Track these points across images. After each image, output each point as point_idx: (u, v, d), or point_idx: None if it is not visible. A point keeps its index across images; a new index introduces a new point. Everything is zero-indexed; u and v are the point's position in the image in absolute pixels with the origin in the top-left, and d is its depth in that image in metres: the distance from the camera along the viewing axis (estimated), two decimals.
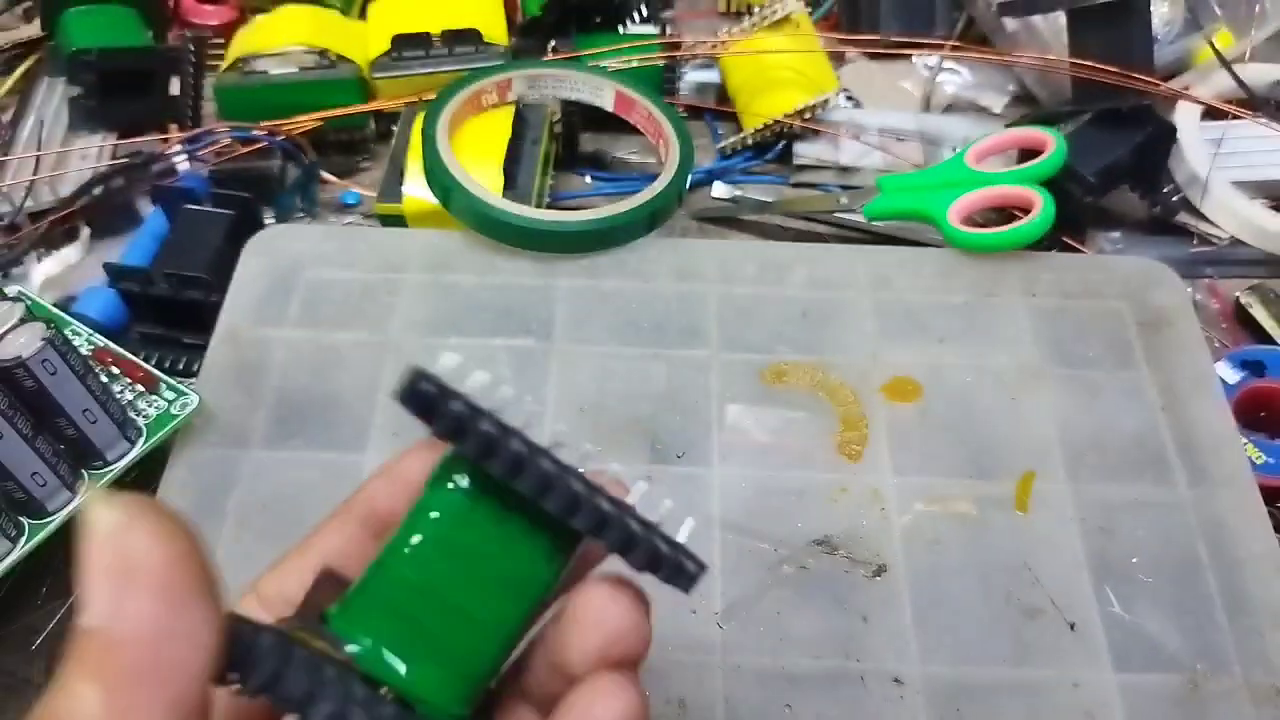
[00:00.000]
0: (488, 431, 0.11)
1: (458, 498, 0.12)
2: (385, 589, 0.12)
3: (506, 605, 0.12)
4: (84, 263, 0.33)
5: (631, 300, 0.29)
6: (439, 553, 0.12)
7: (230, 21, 0.40)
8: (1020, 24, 0.38)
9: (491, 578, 0.12)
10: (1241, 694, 0.22)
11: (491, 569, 0.12)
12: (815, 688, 0.22)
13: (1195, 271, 0.33)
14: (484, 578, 0.12)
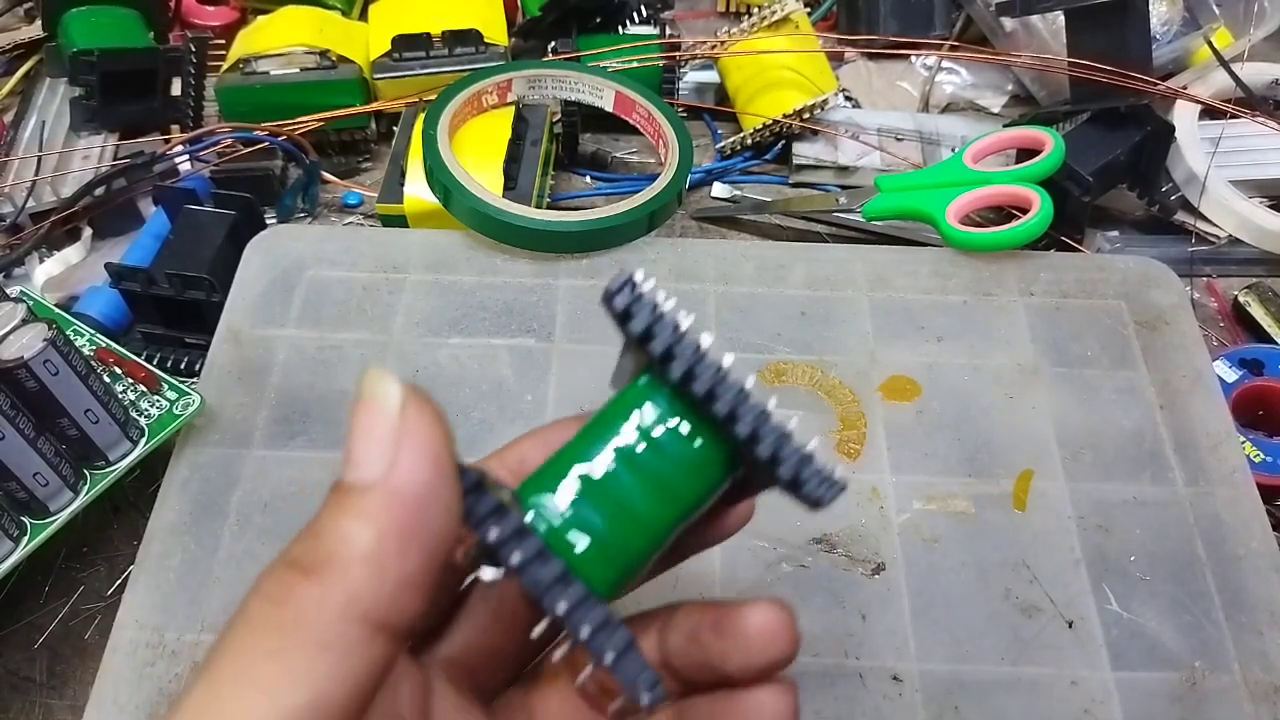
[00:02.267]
0: (672, 338, 0.12)
1: (638, 403, 0.13)
2: (565, 476, 0.13)
3: (665, 510, 0.13)
4: (86, 263, 0.33)
5: None
6: (617, 455, 0.13)
7: (231, 22, 0.40)
8: (1018, 24, 0.38)
9: (656, 482, 0.13)
10: (1239, 691, 0.22)
11: (658, 475, 0.13)
12: (814, 685, 0.22)
13: (1193, 270, 0.33)
14: (650, 482, 0.13)
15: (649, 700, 0.12)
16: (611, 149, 0.38)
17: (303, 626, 0.10)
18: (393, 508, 0.11)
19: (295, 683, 0.10)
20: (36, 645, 0.24)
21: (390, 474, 0.11)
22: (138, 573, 0.23)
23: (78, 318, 0.28)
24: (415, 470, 0.11)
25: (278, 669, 0.10)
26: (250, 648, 0.10)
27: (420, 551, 0.11)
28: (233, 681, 0.10)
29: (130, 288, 0.29)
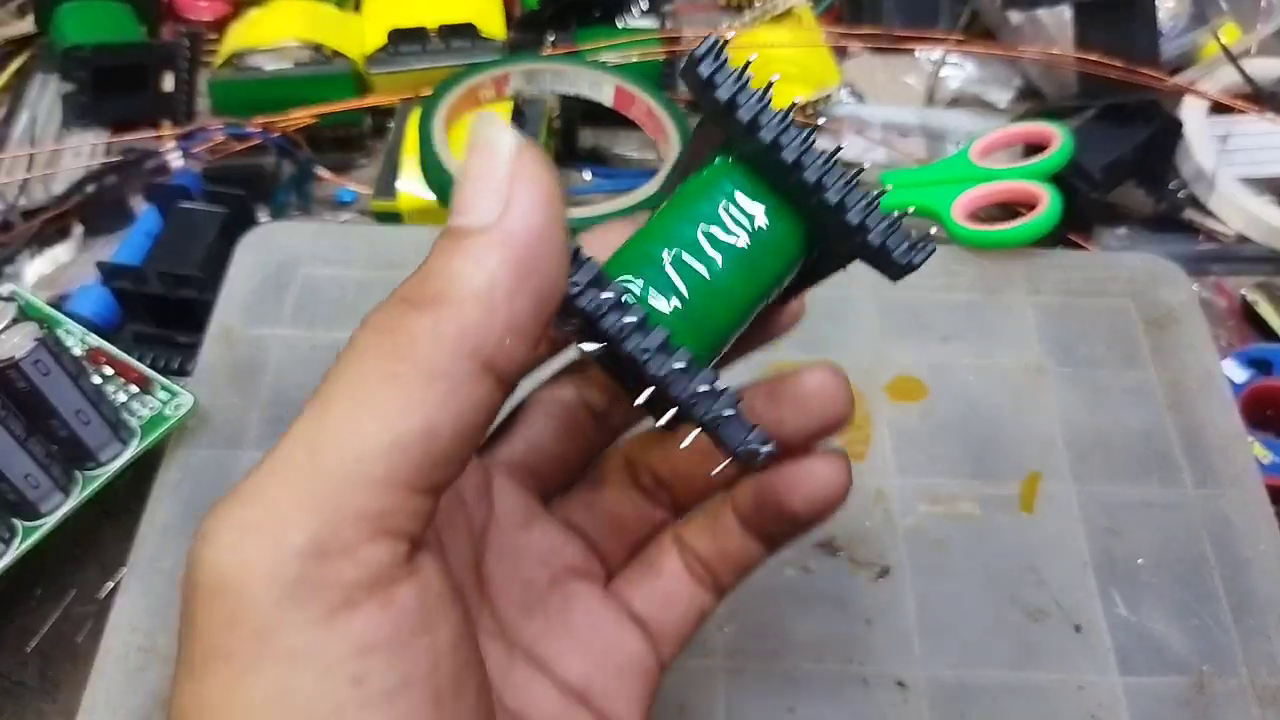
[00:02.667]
0: (758, 105, 0.12)
1: (722, 176, 0.13)
2: (651, 250, 0.13)
3: (748, 286, 0.13)
4: (77, 261, 0.32)
5: None
6: (703, 231, 0.13)
7: (224, 16, 0.40)
8: (1025, 18, 0.37)
9: (740, 256, 0.13)
10: (1248, 695, 0.22)
11: (742, 248, 0.13)
12: (818, 691, 0.22)
13: (1201, 268, 0.33)
14: (734, 256, 0.13)
15: (764, 455, 0.12)
16: (611, 144, 0.38)
17: (416, 355, 0.10)
18: (505, 250, 0.10)
19: (408, 408, 0.10)
20: (28, 649, 0.24)
21: (503, 217, 0.10)
22: (129, 576, 0.23)
23: (69, 316, 0.27)
24: (529, 214, 0.11)
25: (391, 393, 0.10)
26: (363, 373, 0.10)
27: (530, 295, 0.11)
28: (345, 404, 0.10)
29: (122, 286, 0.29)
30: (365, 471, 0.10)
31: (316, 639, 0.09)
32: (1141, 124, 0.33)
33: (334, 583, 0.09)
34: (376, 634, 0.10)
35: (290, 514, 0.10)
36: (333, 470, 0.10)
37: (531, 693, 0.14)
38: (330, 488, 0.10)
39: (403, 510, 0.10)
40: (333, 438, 0.10)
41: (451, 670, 0.10)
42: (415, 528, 0.10)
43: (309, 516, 0.10)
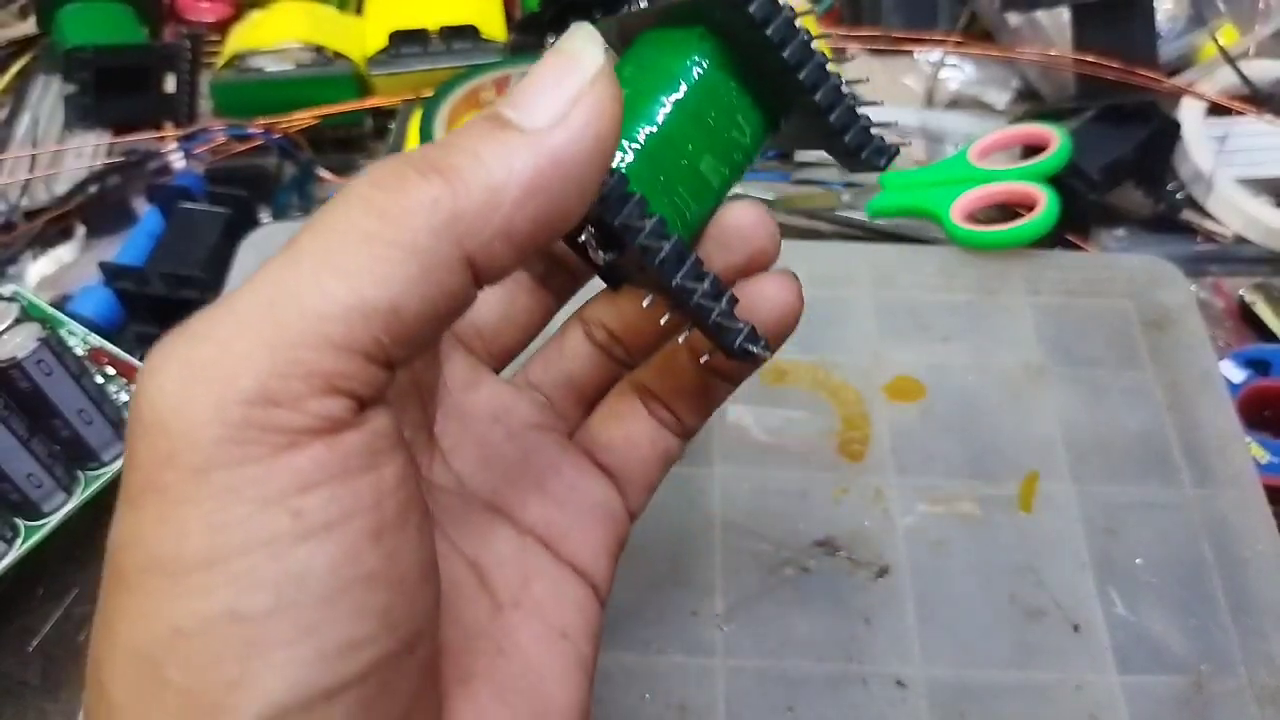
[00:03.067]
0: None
1: (706, 63, 0.13)
2: (636, 138, 0.13)
3: (723, 169, 0.13)
4: (79, 262, 0.32)
5: None
6: (682, 113, 0.13)
7: (226, 18, 0.40)
8: (1023, 19, 0.37)
9: (718, 141, 0.13)
10: (1246, 695, 0.22)
11: (719, 133, 0.13)
12: (817, 690, 0.22)
13: (1200, 269, 0.33)
14: (713, 140, 0.13)
15: (758, 354, 0.13)
16: None
17: (402, 223, 0.10)
18: (536, 159, 0.10)
19: (379, 278, 0.10)
20: (30, 649, 0.24)
21: (552, 129, 0.10)
22: None
23: (71, 317, 0.27)
24: (577, 137, 0.10)
25: (366, 257, 0.10)
26: (344, 228, 0.10)
27: (538, 212, 0.10)
28: (316, 259, 0.10)
29: (124, 286, 0.29)
30: (323, 332, 0.10)
31: (256, 475, 0.09)
32: (1140, 125, 0.33)
33: (279, 428, 0.09)
34: (319, 472, 0.10)
35: (241, 359, 0.09)
36: (290, 324, 0.10)
37: (487, 538, 0.14)
38: (286, 341, 0.10)
39: (357, 376, 0.10)
40: (296, 291, 0.10)
41: (394, 507, 0.10)
42: (367, 392, 0.10)
43: (260, 365, 0.09)
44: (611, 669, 0.22)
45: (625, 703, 0.22)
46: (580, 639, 0.14)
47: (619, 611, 0.23)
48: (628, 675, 0.22)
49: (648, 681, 0.22)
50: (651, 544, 0.24)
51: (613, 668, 0.22)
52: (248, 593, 0.09)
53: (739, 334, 0.13)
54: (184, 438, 0.09)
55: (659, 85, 0.13)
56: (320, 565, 0.09)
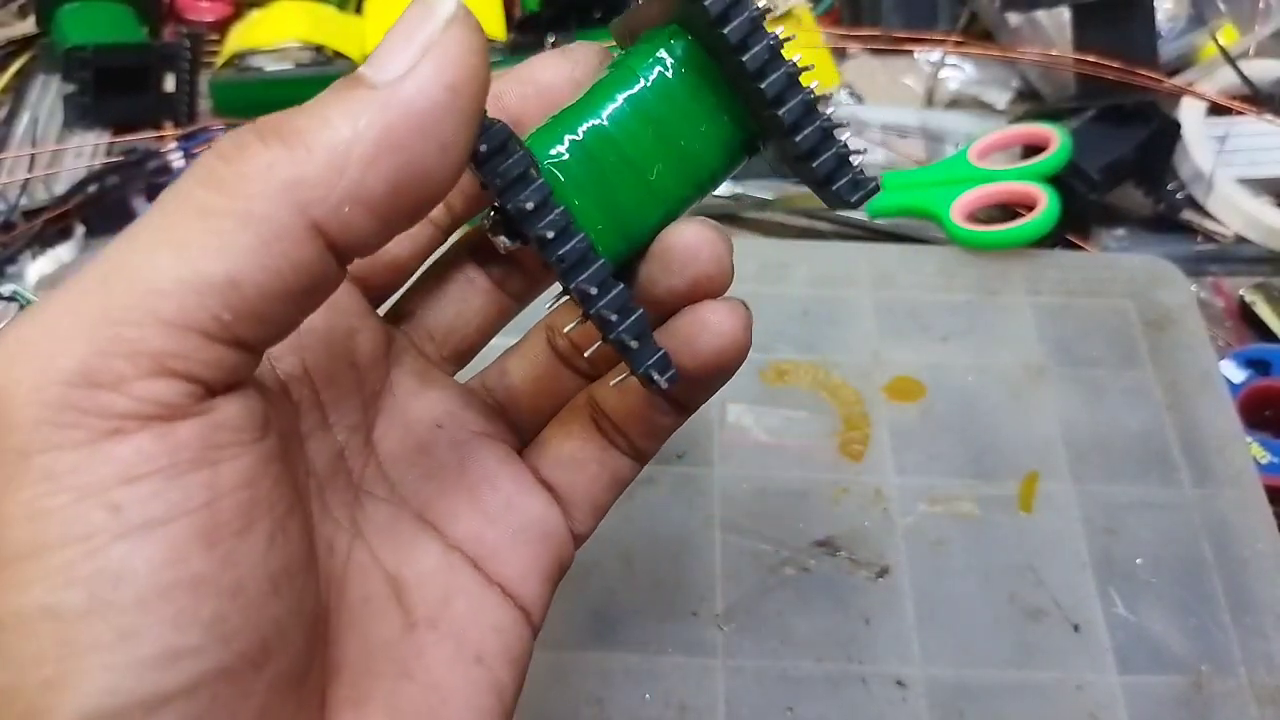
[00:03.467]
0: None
1: (671, 61, 0.12)
2: (577, 130, 0.12)
3: (677, 182, 0.13)
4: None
5: None
6: (635, 112, 0.12)
7: (226, 17, 0.40)
8: (1023, 19, 0.37)
9: (674, 150, 0.12)
10: (1245, 695, 0.22)
11: (677, 141, 0.12)
12: (817, 690, 0.22)
13: (1200, 269, 0.33)
14: (668, 148, 0.12)
15: (663, 383, 0.12)
16: None
17: (238, 191, 0.09)
18: (384, 114, 0.10)
19: (211, 250, 0.09)
20: None
21: (399, 80, 0.10)
22: None
23: None
24: (428, 86, 0.10)
25: (200, 229, 0.09)
26: (180, 202, 0.10)
27: (392, 171, 0.10)
28: (151, 235, 0.09)
29: None
30: (152, 307, 0.09)
31: (74, 462, 0.09)
32: (1140, 125, 0.33)
33: (101, 411, 0.09)
34: (144, 464, 0.09)
35: (65, 338, 0.09)
36: (118, 301, 0.09)
37: (412, 551, 0.13)
38: (112, 317, 0.09)
39: (194, 356, 0.09)
40: (127, 267, 0.09)
41: (233, 507, 0.10)
42: (211, 375, 0.10)
43: (83, 343, 0.09)
44: (612, 669, 0.22)
45: (626, 703, 0.22)
46: (498, 665, 0.13)
47: (619, 611, 0.23)
48: (628, 675, 0.22)
49: (648, 682, 0.22)
50: (651, 544, 0.24)
51: (613, 668, 0.22)
52: (63, 589, 0.09)
53: (644, 358, 0.12)
54: (6, 417, 0.09)
55: (617, 81, 0.12)
56: (139, 565, 0.09)
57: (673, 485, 0.25)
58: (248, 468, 0.10)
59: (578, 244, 0.12)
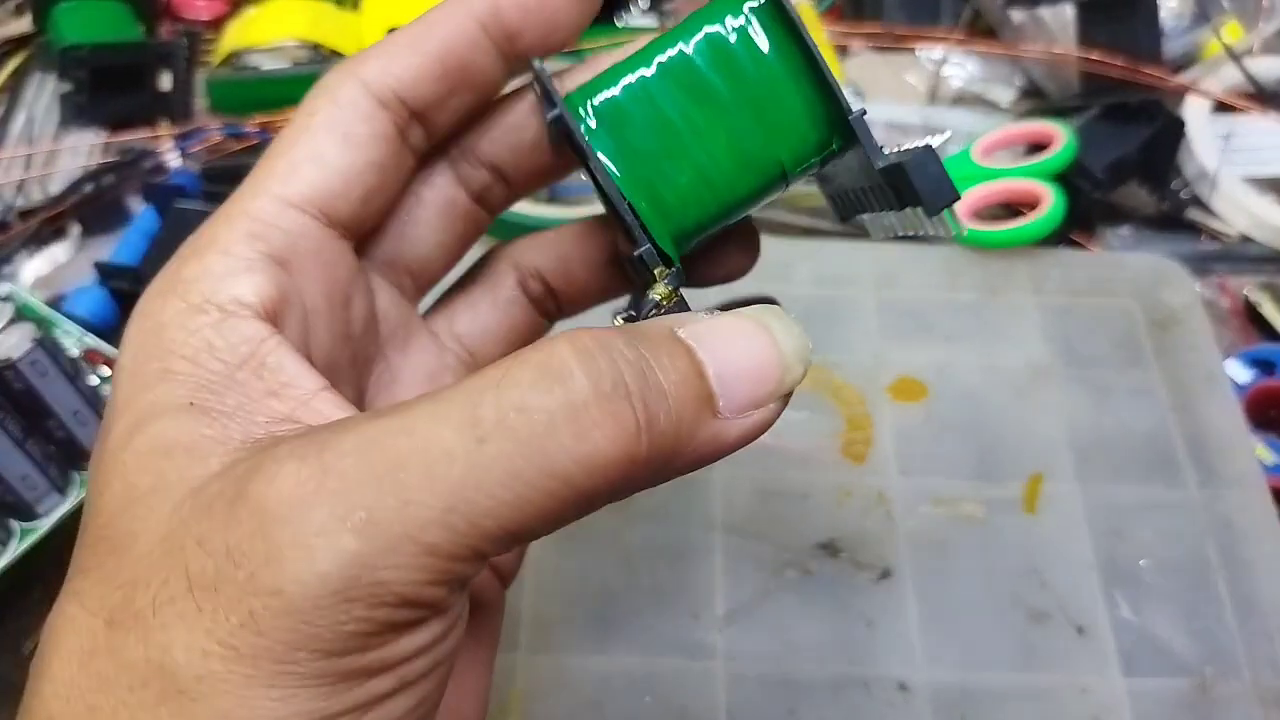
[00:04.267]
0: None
1: (748, 26, 0.11)
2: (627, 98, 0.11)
3: (741, 174, 0.11)
4: (74, 261, 0.32)
5: None
6: (696, 83, 0.11)
7: (222, 16, 0.40)
8: (1027, 16, 0.37)
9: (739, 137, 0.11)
10: (1251, 697, 0.22)
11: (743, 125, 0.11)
12: (819, 694, 0.22)
13: (1205, 268, 0.33)
14: (731, 133, 0.11)
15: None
16: None
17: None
18: (707, 447, 0.11)
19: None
20: (26, 652, 0.24)
21: (734, 423, 0.11)
22: None
23: (66, 317, 0.27)
24: (746, 437, 0.11)
25: (515, 491, 0.10)
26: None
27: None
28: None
29: (119, 286, 0.28)
30: (479, 546, 0.10)
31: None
32: (1144, 123, 0.32)
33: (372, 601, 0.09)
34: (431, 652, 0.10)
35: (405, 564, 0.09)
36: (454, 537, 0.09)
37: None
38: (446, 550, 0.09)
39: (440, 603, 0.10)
40: (467, 512, 0.09)
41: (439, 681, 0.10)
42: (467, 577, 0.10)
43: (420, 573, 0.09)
44: (613, 672, 0.22)
45: (626, 706, 0.22)
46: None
47: (619, 614, 0.23)
48: (628, 678, 0.22)
49: (649, 685, 0.22)
50: (652, 546, 0.24)
51: (613, 671, 0.22)
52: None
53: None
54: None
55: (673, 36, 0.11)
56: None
57: (673, 487, 0.25)
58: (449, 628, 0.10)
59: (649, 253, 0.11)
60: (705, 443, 0.11)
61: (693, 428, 0.10)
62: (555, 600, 0.23)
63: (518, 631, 0.22)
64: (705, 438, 0.11)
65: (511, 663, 0.22)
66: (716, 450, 0.11)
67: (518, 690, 0.21)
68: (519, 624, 0.22)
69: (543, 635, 0.22)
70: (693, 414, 0.10)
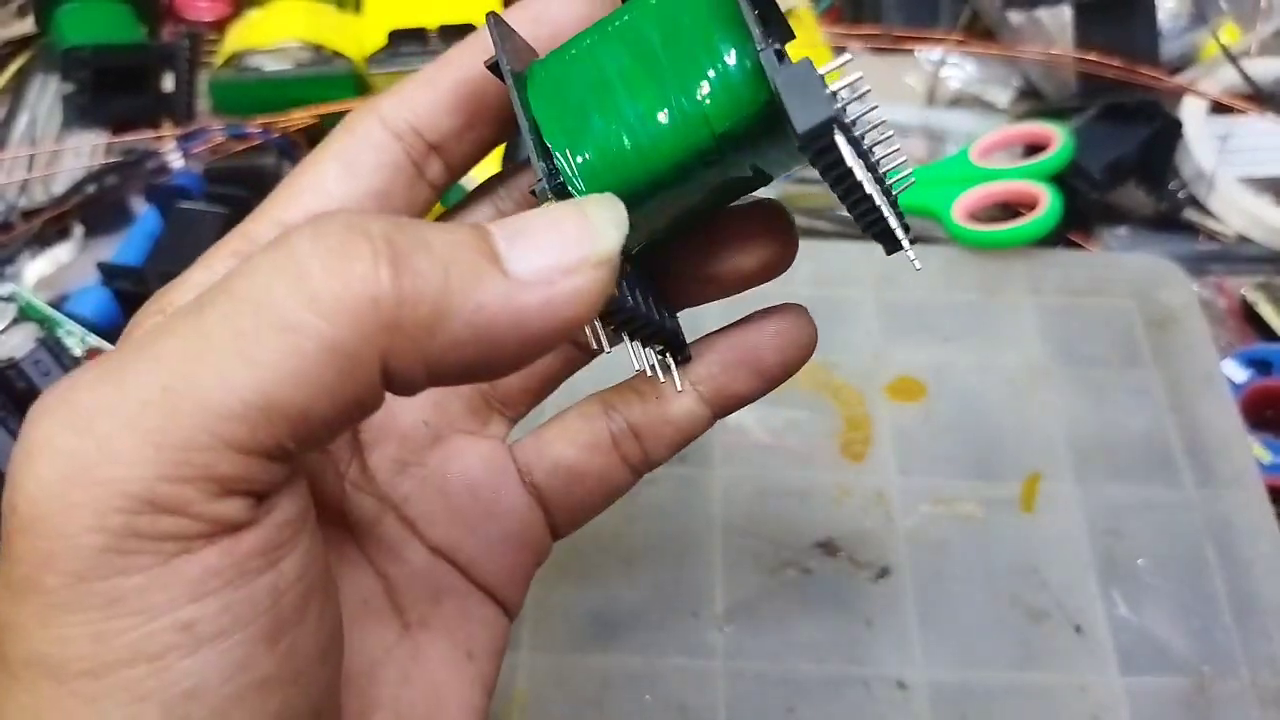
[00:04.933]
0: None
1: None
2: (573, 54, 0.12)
3: (671, 136, 0.11)
4: (77, 261, 0.32)
5: None
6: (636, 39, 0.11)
7: (225, 17, 0.40)
8: (1025, 17, 0.37)
9: (667, 90, 0.11)
10: (1249, 696, 0.22)
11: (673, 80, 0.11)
12: (818, 693, 0.22)
13: (1202, 268, 0.33)
14: (661, 86, 0.11)
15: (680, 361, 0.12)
16: None
17: (335, 317, 0.09)
18: (497, 310, 0.10)
19: (293, 378, 0.09)
20: None
21: (532, 287, 0.10)
22: None
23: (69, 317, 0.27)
24: (550, 310, 0.10)
25: (281, 348, 0.09)
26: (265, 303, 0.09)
27: (470, 358, 0.10)
28: (225, 340, 0.09)
29: (122, 286, 0.29)
30: (221, 433, 0.09)
31: (141, 585, 0.09)
32: (1142, 124, 0.33)
33: (167, 536, 0.09)
34: (212, 580, 0.09)
35: (127, 461, 0.09)
36: (184, 420, 0.09)
37: (400, 551, 0.13)
38: (177, 440, 0.09)
39: (260, 477, 0.09)
40: (195, 379, 0.09)
41: (294, 600, 0.10)
42: (271, 487, 0.09)
43: (147, 468, 0.09)
44: (612, 671, 0.22)
45: (626, 705, 0.22)
46: (484, 659, 0.13)
47: (620, 613, 0.23)
48: (628, 677, 0.22)
49: (648, 683, 0.22)
50: (652, 545, 0.24)
51: (613, 670, 0.22)
52: (134, 705, 0.09)
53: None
54: (64, 543, 0.09)
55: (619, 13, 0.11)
56: (212, 678, 0.09)
57: (674, 486, 0.25)
58: (304, 553, 0.10)
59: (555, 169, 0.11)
60: (493, 303, 0.09)
61: (470, 281, 0.09)
62: (556, 599, 0.23)
63: (520, 630, 0.22)
64: (492, 297, 0.09)
65: (513, 661, 0.22)
66: (514, 317, 0.09)
67: (520, 689, 0.22)
68: (521, 623, 0.22)
69: (544, 634, 0.22)
70: (469, 266, 0.09)
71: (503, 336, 0.10)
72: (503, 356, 0.10)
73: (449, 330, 0.09)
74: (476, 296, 0.09)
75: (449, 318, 0.09)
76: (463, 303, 0.09)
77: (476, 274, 0.09)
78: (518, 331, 0.10)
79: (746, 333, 0.13)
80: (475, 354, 0.10)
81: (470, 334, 0.09)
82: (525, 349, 0.10)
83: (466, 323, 0.09)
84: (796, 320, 0.14)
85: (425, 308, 0.09)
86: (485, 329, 0.09)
